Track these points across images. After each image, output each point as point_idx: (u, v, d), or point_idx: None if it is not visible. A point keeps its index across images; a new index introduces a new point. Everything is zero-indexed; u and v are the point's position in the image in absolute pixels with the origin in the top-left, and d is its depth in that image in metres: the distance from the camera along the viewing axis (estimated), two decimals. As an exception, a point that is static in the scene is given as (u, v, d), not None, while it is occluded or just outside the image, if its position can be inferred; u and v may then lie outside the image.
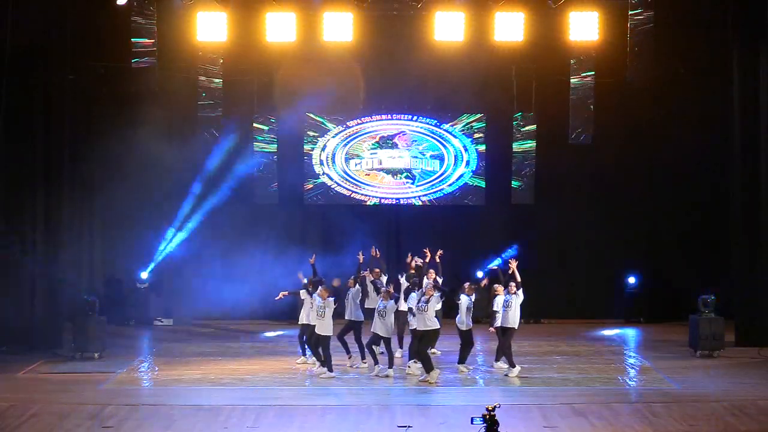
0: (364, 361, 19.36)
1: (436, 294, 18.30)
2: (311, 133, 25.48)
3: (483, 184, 25.38)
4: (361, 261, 20.16)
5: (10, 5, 20.80)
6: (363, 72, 24.69)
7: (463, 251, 24.66)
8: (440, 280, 19.30)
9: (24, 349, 20.89)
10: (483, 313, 21.36)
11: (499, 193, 25.39)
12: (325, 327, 18.50)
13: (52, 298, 21.45)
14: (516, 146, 25.17)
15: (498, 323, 18.86)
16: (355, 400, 16.90)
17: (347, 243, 23.45)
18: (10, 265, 21.08)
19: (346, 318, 19.46)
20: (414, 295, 18.68)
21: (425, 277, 19.39)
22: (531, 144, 25.17)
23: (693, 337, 20.89)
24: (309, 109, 25.37)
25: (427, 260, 19.73)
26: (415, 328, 18.46)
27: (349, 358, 19.48)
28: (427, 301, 18.22)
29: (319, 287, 18.66)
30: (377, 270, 20.07)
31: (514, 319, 18.71)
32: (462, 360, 19.13)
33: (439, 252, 19.92)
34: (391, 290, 19.06)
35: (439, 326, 18.57)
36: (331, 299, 18.47)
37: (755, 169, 21.83)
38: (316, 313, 18.58)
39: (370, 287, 19.74)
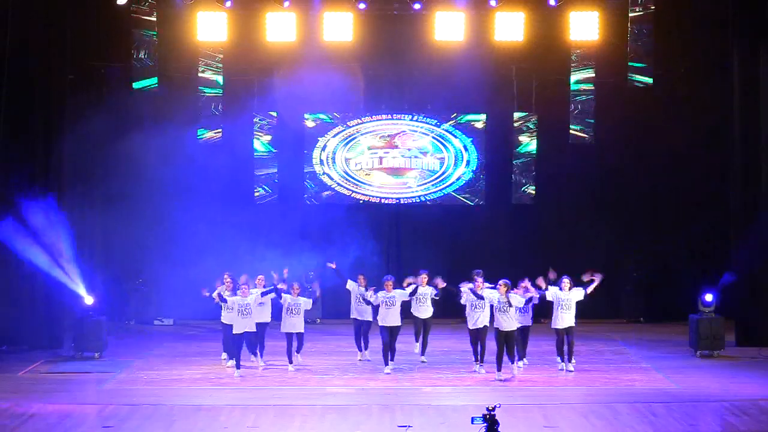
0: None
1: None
2: (311, 133, 25.48)
3: (483, 183, 25.37)
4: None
5: (10, 5, 20.81)
6: (363, 72, 24.71)
7: (462, 251, 24.64)
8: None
9: (24, 349, 20.91)
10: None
11: (499, 193, 25.38)
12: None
13: (52, 298, 21.43)
14: (516, 146, 25.19)
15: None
16: (355, 400, 16.90)
17: (347, 243, 23.43)
18: (11, 265, 21.07)
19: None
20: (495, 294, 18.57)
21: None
22: (531, 144, 25.17)
23: (693, 337, 20.88)
24: (309, 109, 25.37)
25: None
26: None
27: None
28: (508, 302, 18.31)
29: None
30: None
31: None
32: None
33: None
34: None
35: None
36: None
37: (755, 169, 21.82)
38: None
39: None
